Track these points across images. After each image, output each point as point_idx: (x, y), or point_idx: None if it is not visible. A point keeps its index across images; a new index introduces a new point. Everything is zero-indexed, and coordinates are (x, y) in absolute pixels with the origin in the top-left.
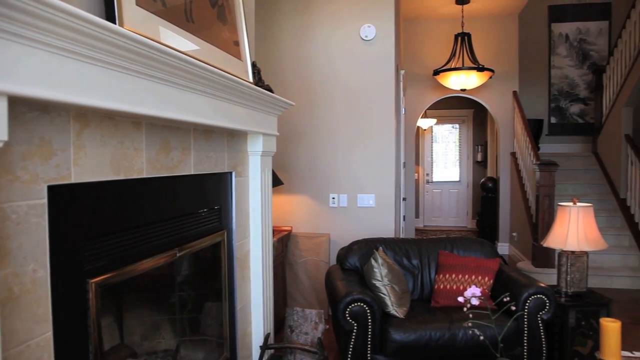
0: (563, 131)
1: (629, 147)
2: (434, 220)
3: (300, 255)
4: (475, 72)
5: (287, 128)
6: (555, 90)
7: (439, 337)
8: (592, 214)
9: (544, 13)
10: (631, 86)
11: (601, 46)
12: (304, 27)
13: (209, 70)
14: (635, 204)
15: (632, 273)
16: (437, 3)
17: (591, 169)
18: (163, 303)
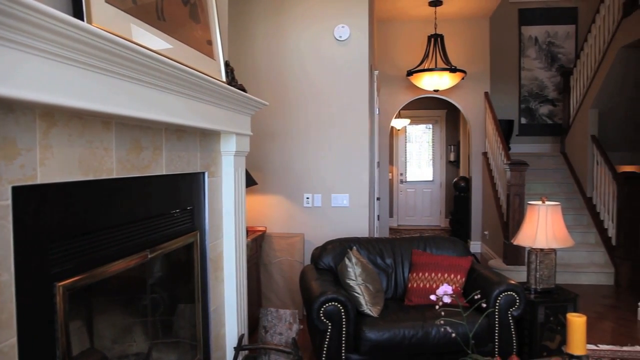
0: (533, 131)
1: (594, 147)
2: (408, 219)
3: (274, 255)
4: (448, 73)
5: (261, 128)
6: (525, 91)
7: (413, 335)
8: (560, 212)
9: (514, 16)
10: (597, 88)
11: (568, 49)
12: (277, 27)
13: (181, 69)
14: (600, 203)
15: (598, 269)
16: (410, 4)
17: (560, 169)
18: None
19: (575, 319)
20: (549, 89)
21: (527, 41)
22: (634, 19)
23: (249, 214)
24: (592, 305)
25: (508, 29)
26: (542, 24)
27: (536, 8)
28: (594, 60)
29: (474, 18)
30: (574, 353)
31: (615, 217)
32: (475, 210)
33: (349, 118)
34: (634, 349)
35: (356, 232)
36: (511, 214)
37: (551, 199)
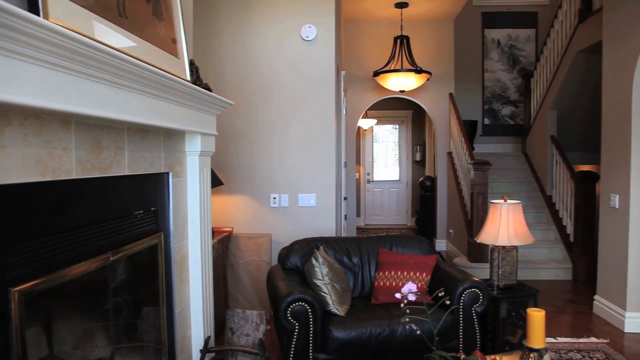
0: (495, 132)
1: (554, 148)
2: (375, 218)
3: (241, 256)
4: (414, 74)
5: (227, 128)
6: (488, 92)
7: (379, 333)
8: (521, 210)
9: (477, 19)
10: (555, 91)
11: (529, 52)
12: (244, 26)
13: (143, 67)
14: (559, 201)
15: (557, 265)
16: (377, 6)
17: (521, 168)
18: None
19: (535, 314)
20: (511, 91)
21: (490, 44)
22: (588, 25)
23: (216, 214)
24: (552, 300)
25: (472, 31)
26: (505, 28)
27: (498, 12)
28: (552, 63)
29: (439, 20)
30: (533, 346)
31: (573, 215)
32: (441, 209)
33: (315, 118)
34: (589, 340)
35: (323, 232)
36: (475, 212)
37: (513, 197)
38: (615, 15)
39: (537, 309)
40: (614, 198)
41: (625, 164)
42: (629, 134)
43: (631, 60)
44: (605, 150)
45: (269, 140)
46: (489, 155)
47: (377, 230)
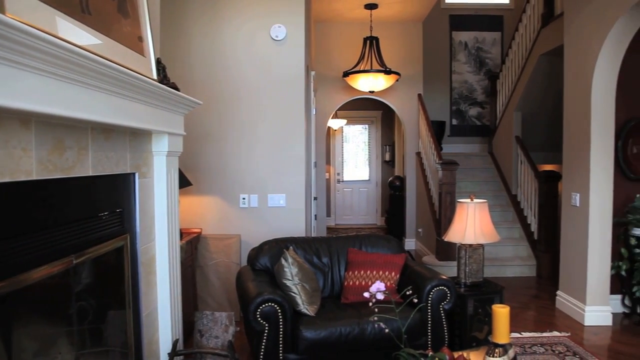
0: (463, 132)
1: (518, 148)
2: (345, 218)
3: (210, 257)
4: (383, 75)
5: (195, 127)
6: (456, 94)
7: (349, 333)
8: (487, 209)
9: (445, 21)
10: (520, 92)
11: (495, 54)
12: (213, 26)
13: (107, 65)
14: (524, 199)
15: (522, 262)
16: (346, 7)
17: (487, 168)
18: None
19: (500, 310)
20: (478, 92)
21: (457, 46)
22: (551, 28)
23: (184, 215)
24: (517, 296)
25: (440, 33)
26: (471, 30)
27: (466, 15)
28: (517, 66)
29: (408, 22)
30: (498, 342)
31: (537, 213)
32: (410, 209)
33: (285, 118)
34: (552, 334)
35: (293, 232)
36: (443, 211)
37: (480, 196)
38: (575, 20)
39: (502, 306)
40: (575, 197)
41: (585, 163)
42: (588, 135)
43: (590, 64)
44: (566, 151)
45: (238, 140)
46: (457, 155)
47: (347, 230)
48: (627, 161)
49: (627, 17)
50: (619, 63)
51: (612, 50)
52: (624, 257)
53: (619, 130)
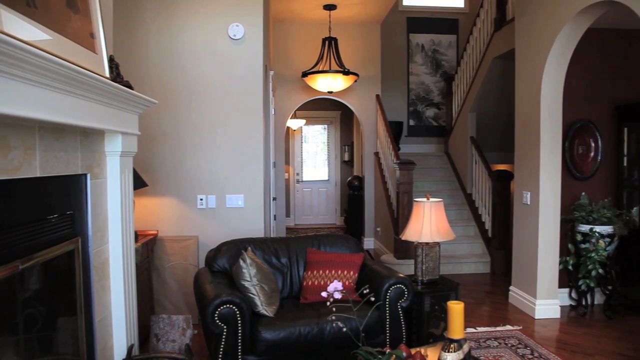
0: (420, 133)
1: (473, 148)
2: (305, 218)
3: (167, 259)
4: (342, 76)
5: (152, 127)
6: (413, 95)
7: (308, 332)
8: (443, 208)
9: (403, 23)
10: (474, 94)
11: (451, 57)
12: (170, 24)
13: (55, 62)
14: (478, 198)
15: (477, 259)
16: (305, 7)
17: (444, 167)
18: (4, 323)
19: (454, 306)
20: (434, 93)
21: (414, 48)
22: (503, 33)
23: (140, 217)
24: (472, 292)
25: (397, 35)
26: (428, 33)
27: (422, 17)
28: (472, 68)
29: (366, 23)
30: (453, 337)
31: (491, 212)
32: (369, 208)
33: (243, 118)
34: (505, 328)
35: (252, 233)
36: (401, 210)
37: (436, 195)
38: (525, 25)
39: (457, 302)
40: (526, 195)
41: (535, 163)
42: (538, 135)
43: (539, 68)
44: (518, 151)
45: (195, 140)
46: (414, 155)
47: (306, 230)
48: (574, 161)
49: (572, 23)
50: (565, 67)
51: (559, 55)
52: (571, 252)
53: (566, 132)
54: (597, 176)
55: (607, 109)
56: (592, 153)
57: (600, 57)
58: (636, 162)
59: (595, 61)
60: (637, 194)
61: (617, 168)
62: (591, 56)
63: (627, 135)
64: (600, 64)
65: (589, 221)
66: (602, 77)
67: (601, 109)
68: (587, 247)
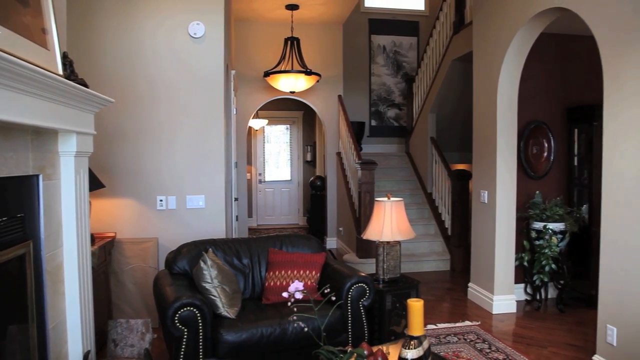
0: (381, 133)
1: (433, 148)
2: (267, 219)
3: (126, 262)
4: (304, 76)
5: (109, 126)
6: (374, 95)
7: (270, 333)
8: (403, 207)
9: (365, 25)
10: (434, 95)
11: (412, 58)
12: (128, 20)
13: (1, 57)
14: (438, 197)
15: (437, 257)
16: (268, 7)
17: (405, 167)
18: None
19: (414, 304)
20: (396, 94)
21: (376, 49)
22: (462, 35)
23: (97, 219)
24: (433, 290)
25: (359, 36)
26: (389, 34)
27: (384, 19)
28: (431, 70)
29: (329, 24)
30: (413, 334)
31: (450, 210)
32: (331, 208)
33: (204, 117)
34: (464, 324)
35: (213, 234)
36: (362, 210)
37: (397, 195)
38: (482, 29)
39: (416, 300)
40: (483, 194)
41: (492, 163)
42: (494, 136)
43: (495, 70)
44: (475, 151)
45: (155, 140)
46: (376, 155)
47: (269, 230)
48: (528, 161)
49: (525, 28)
50: (520, 70)
51: (514, 58)
52: (526, 248)
53: (521, 132)
54: (550, 175)
55: (559, 111)
56: (546, 153)
57: (554, 61)
58: (586, 161)
59: (550, 65)
60: (586, 192)
61: (568, 167)
62: (546, 60)
63: (577, 136)
64: (554, 68)
65: (542, 219)
66: (555, 80)
67: (554, 110)
68: (541, 243)
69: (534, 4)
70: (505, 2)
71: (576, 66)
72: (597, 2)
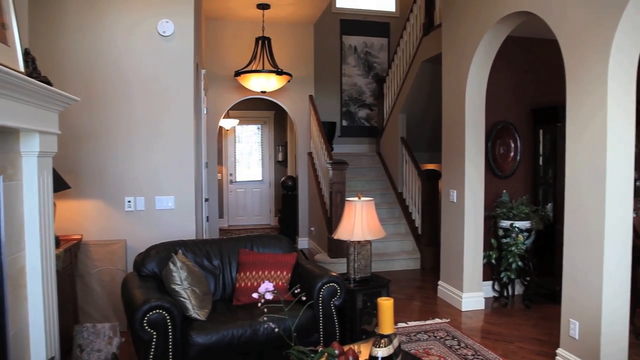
0: (353, 133)
1: (403, 148)
2: (239, 219)
3: (93, 265)
4: (275, 76)
5: (75, 126)
6: (346, 96)
7: (241, 335)
8: (373, 207)
9: (336, 25)
10: (405, 96)
11: (382, 59)
12: (94, 17)
13: None
14: (409, 197)
15: (407, 256)
16: (239, 5)
17: (375, 167)
18: None
19: (384, 303)
20: (367, 95)
21: (347, 49)
22: (432, 37)
23: (62, 221)
24: (404, 288)
25: (331, 36)
26: (361, 35)
27: (355, 20)
28: (402, 71)
29: (300, 24)
30: (384, 333)
31: (421, 209)
32: (302, 208)
33: (173, 117)
34: (434, 321)
35: (183, 235)
36: (334, 210)
37: (368, 195)
38: (451, 31)
39: (386, 298)
40: (452, 193)
41: (461, 163)
42: (463, 136)
43: (464, 72)
44: (445, 151)
45: (123, 140)
46: (347, 155)
47: (240, 231)
48: (496, 160)
49: (493, 31)
50: (488, 71)
51: (482, 60)
52: (494, 246)
53: (488, 133)
54: (517, 175)
55: (525, 112)
56: (512, 153)
57: (521, 63)
58: (550, 161)
59: (517, 67)
60: (551, 191)
61: (534, 167)
62: (513, 62)
63: (543, 137)
64: (521, 70)
65: (509, 217)
66: (522, 82)
67: (520, 111)
68: (508, 241)
69: (501, 7)
70: (473, 5)
71: (542, 69)
72: (561, 8)
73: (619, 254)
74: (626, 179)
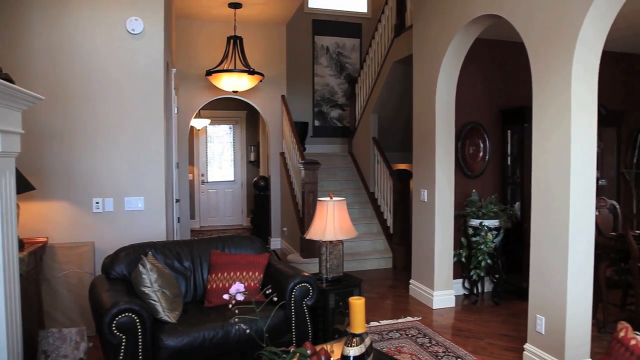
0: (325, 133)
1: (375, 148)
2: (211, 220)
3: (59, 268)
4: (247, 75)
5: (41, 125)
6: (318, 96)
7: (213, 336)
8: (345, 207)
9: (308, 25)
10: (376, 96)
11: (354, 60)
12: (62, 14)
13: None
14: (381, 197)
15: (379, 255)
16: (210, 4)
17: (348, 167)
18: None
19: (355, 302)
20: (339, 95)
21: (319, 50)
22: (403, 39)
23: (26, 223)
24: (376, 287)
25: (303, 37)
26: (333, 35)
27: (327, 20)
28: (374, 71)
29: (272, 24)
30: (355, 332)
31: (392, 209)
32: (275, 208)
33: (143, 116)
34: (406, 320)
35: (153, 237)
36: (306, 210)
37: (340, 195)
38: (422, 32)
39: (358, 298)
40: (423, 193)
41: (431, 163)
42: (433, 137)
43: (434, 73)
44: (416, 151)
45: (91, 139)
46: (319, 155)
47: (212, 232)
48: (465, 160)
49: (462, 33)
50: (457, 73)
51: (452, 62)
52: (464, 245)
53: (458, 133)
54: (486, 174)
55: (494, 113)
56: (481, 153)
57: (490, 65)
58: (518, 161)
59: (486, 68)
60: (519, 190)
61: (502, 167)
62: (482, 64)
63: (511, 137)
64: (490, 71)
65: (478, 216)
66: (491, 83)
67: (489, 112)
68: (477, 240)
69: (470, 10)
70: (443, 7)
71: (510, 70)
72: (528, 11)
73: (583, 251)
74: (589, 178)
